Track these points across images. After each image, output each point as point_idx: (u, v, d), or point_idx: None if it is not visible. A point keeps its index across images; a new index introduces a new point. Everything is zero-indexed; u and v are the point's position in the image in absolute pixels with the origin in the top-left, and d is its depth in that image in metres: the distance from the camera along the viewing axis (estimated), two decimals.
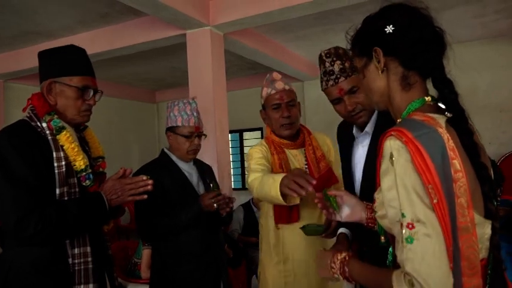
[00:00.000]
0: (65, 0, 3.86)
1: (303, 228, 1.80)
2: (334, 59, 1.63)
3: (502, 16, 4.85)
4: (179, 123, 2.19)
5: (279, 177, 1.69)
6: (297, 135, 2.12)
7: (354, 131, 1.68)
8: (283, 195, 1.69)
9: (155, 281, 2.21)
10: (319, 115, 6.48)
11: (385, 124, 1.16)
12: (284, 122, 2.04)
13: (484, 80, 5.66)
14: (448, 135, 0.95)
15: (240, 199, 5.13)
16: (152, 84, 8.01)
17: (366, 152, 1.59)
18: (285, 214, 2.02)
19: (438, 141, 0.94)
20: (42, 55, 1.65)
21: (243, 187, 7.67)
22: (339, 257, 1.19)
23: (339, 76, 1.60)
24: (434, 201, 0.91)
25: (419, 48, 1.04)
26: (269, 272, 2.13)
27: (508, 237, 3.23)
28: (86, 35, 4.73)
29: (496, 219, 1.00)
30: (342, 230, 1.70)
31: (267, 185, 1.75)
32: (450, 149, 0.93)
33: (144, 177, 1.59)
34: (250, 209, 4.78)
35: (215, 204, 2.04)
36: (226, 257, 2.48)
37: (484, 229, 0.98)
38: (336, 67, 1.61)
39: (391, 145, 0.96)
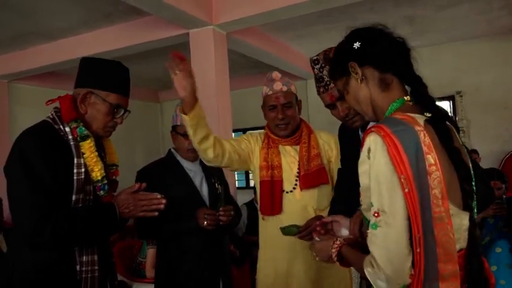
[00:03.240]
0: (67, 0, 3.87)
1: (283, 229, 1.88)
2: (323, 64, 1.59)
3: (506, 12, 4.82)
4: (178, 123, 2.23)
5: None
6: (294, 132, 2.14)
7: (360, 132, 1.66)
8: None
9: (160, 280, 2.22)
10: (322, 114, 6.39)
11: None
12: (278, 122, 2.07)
13: (487, 77, 5.63)
14: (424, 132, 1.05)
15: (244, 198, 5.13)
16: (155, 84, 8.02)
17: None
18: (268, 205, 2.07)
19: (413, 137, 1.03)
20: (86, 62, 1.65)
21: (247, 186, 7.67)
22: (337, 243, 1.31)
23: (328, 83, 1.58)
24: (406, 190, 1.00)
25: (387, 52, 1.19)
26: (259, 265, 2.21)
27: None
28: (88, 35, 4.74)
29: (472, 199, 1.10)
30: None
31: None
32: (425, 144, 1.03)
33: (158, 196, 1.61)
34: (254, 207, 4.77)
35: (205, 222, 2.05)
36: (229, 256, 2.48)
37: (462, 220, 1.08)
38: (326, 73, 1.58)
39: (370, 140, 1.07)
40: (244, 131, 7.82)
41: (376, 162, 1.04)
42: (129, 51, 4.79)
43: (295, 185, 2.08)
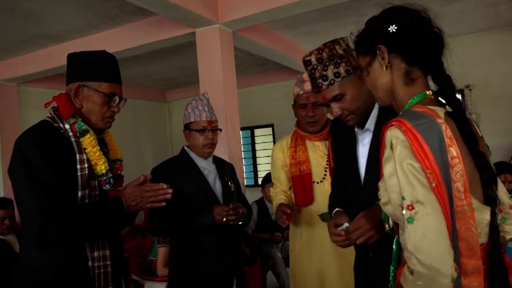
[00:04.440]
0: (73, 3, 3.90)
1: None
2: (315, 66, 1.55)
3: None
4: (192, 119, 2.26)
5: (276, 204, 2.27)
6: (322, 129, 2.33)
7: (356, 128, 1.63)
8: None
9: (173, 277, 2.24)
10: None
11: (387, 120, 1.13)
12: (309, 120, 2.27)
13: (498, 70, 5.57)
14: (446, 124, 1.02)
15: (253, 195, 5.13)
16: (163, 84, 8.05)
17: (367, 151, 1.56)
18: (302, 196, 2.28)
19: (436, 129, 1.00)
20: (73, 57, 1.65)
21: (256, 184, 7.67)
22: None
23: (320, 85, 1.54)
24: (433, 184, 0.97)
25: (420, 46, 1.12)
26: (292, 254, 2.38)
27: None
28: (95, 36, 4.78)
29: (495, 204, 1.06)
30: (337, 209, 1.72)
31: (274, 207, 2.30)
32: (447, 137, 1.00)
33: (164, 186, 1.59)
34: (264, 205, 4.77)
35: (224, 218, 2.07)
36: (242, 254, 2.49)
37: (483, 215, 1.05)
38: (317, 74, 1.54)
39: (392, 134, 1.03)
40: (251, 128, 7.84)
41: (400, 156, 1.01)
42: (135, 52, 4.81)
43: (324, 175, 2.26)
